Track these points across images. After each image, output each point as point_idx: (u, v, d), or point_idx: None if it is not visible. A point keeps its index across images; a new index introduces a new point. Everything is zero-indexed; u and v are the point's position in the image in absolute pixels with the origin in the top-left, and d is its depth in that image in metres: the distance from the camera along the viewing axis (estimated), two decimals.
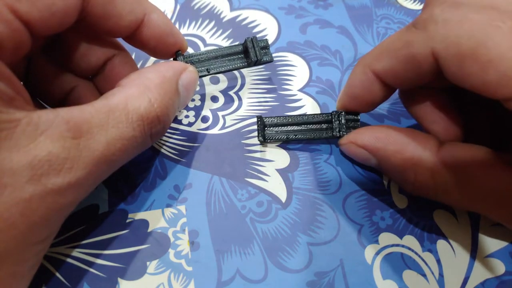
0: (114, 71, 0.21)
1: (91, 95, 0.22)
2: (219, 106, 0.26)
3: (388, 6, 0.31)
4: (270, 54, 0.24)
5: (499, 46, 0.14)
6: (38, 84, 0.21)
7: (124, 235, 0.21)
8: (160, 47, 0.21)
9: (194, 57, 0.23)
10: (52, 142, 0.14)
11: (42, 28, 0.16)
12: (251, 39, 0.23)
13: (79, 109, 0.15)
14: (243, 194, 0.22)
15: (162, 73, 0.19)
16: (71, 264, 0.20)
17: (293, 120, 0.23)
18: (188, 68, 0.21)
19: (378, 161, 0.20)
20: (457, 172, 0.18)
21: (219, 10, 0.30)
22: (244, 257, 0.20)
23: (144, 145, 0.18)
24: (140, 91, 0.17)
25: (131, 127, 0.16)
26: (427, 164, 0.18)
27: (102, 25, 0.19)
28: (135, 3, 0.20)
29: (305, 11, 0.30)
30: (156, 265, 0.20)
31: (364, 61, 0.20)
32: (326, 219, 0.22)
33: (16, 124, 0.13)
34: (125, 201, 0.22)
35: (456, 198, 0.18)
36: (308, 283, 0.20)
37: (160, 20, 0.21)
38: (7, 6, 0.14)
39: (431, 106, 0.21)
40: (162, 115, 0.18)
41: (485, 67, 0.15)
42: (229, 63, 0.24)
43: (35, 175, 0.13)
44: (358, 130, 0.21)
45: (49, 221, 0.14)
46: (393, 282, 0.20)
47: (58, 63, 0.21)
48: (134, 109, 0.17)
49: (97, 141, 0.15)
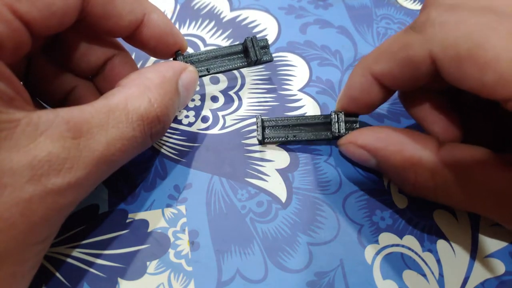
0: (114, 71, 0.21)
1: (91, 95, 0.22)
2: (219, 106, 0.26)
3: (388, 6, 0.31)
4: (270, 54, 0.24)
5: (496, 47, 0.14)
6: (38, 84, 0.21)
7: (124, 235, 0.21)
8: (160, 47, 0.21)
9: (194, 57, 0.23)
10: (52, 142, 0.14)
11: (42, 28, 0.16)
12: (250, 39, 0.23)
13: (79, 109, 0.15)
14: (243, 194, 0.22)
15: (162, 73, 0.19)
16: (71, 264, 0.20)
17: (292, 121, 0.23)
18: (188, 68, 0.21)
19: (378, 161, 0.20)
20: (457, 172, 0.18)
21: (219, 10, 0.30)
22: (244, 257, 0.20)
23: (144, 145, 0.18)
24: (140, 91, 0.17)
25: (131, 127, 0.16)
26: (427, 165, 0.18)
27: (102, 25, 0.19)
28: (135, 3, 0.20)
29: (305, 11, 0.30)
30: (156, 265, 0.20)
31: (363, 64, 0.20)
32: (326, 219, 0.22)
33: (16, 124, 0.13)
34: (125, 201, 0.22)
35: (456, 198, 0.18)
36: (308, 283, 0.20)
37: (160, 20, 0.21)
38: (7, 6, 0.14)
39: (431, 107, 0.21)
40: (162, 115, 0.18)
41: (482, 68, 0.15)
42: (229, 62, 0.24)
43: (35, 175, 0.13)
44: (357, 131, 0.21)
45: (49, 221, 0.14)
46: (393, 282, 0.20)
47: (58, 63, 0.21)
48: (134, 109, 0.17)
49: (97, 141, 0.15)
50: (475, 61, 0.15)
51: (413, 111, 0.21)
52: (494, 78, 0.15)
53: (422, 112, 0.21)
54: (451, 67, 0.16)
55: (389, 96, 0.21)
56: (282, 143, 0.24)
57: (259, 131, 0.23)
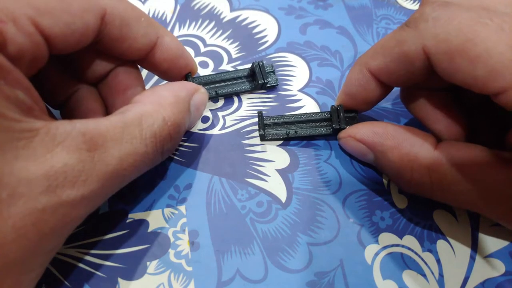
0: (117, 78, 0.22)
1: (93, 99, 0.22)
2: (219, 106, 0.26)
3: (388, 7, 0.31)
4: (275, 78, 0.26)
5: (487, 42, 0.15)
6: (41, 86, 0.21)
7: (124, 235, 0.21)
8: (171, 69, 0.22)
9: (203, 79, 0.24)
10: (69, 154, 0.14)
11: (61, 44, 0.16)
12: (257, 64, 0.25)
13: (95, 122, 0.15)
14: (243, 194, 0.22)
15: (176, 92, 0.19)
16: (71, 264, 0.20)
17: (293, 118, 0.23)
18: (200, 90, 0.21)
19: (375, 156, 0.20)
20: (453, 170, 0.18)
21: (219, 11, 0.30)
22: (244, 257, 0.20)
23: (154, 161, 0.18)
24: (155, 109, 0.17)
25: (144, 143, 0.16)
26: (424, 161, 0.18)
27: (117, 47, 0.19)
28: (149, 26, 0.20)
29: (305, 12, 0.30)
30: (156, 265, 0.20)
31: (361, 60, 0.21)
32: (326, 219, 0.22)
33: (35, 133, 0.13)
34: (125, 201, 0.22)
35: (452, 196, 0.18)
36: (308, 283, 0.20)
37: (173, 43, 0.21)
38: (30, 19, 0.15)
39: (432, 106, 0.21)
40: (174, 133, 0.18)
41: (473, 62, 0.15)
42: (236, 86, 0.25)
43: (51, 186, 0.13)
44: (356, 125, 0.22)
45: (59, 232, 0.14)
46: (393, 282, 0.20)
47: (63, 69, 0.21)
48: (148, 126, 0.17)
49: (111, 155, 0.15)
50: (466, 55, 0.15)
51: (415, 110, 0.22)
52: (484, 71, 0.15)
53: (424, 110, 0.21)
54: (444, 61, 0.16)
55: (387, 92, 0.21)
56: (284, 139, 0.24)
57: (261, 127, 0.23)
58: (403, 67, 0.18)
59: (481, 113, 0.21)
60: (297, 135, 0.23)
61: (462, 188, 0.18)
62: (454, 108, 0.21)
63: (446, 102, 0.21)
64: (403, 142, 0.19)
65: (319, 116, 0.23)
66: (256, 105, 0.26)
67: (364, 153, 0.21)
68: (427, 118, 0.21)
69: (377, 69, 0.20)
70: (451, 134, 0.20)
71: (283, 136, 0.23)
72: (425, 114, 0.21)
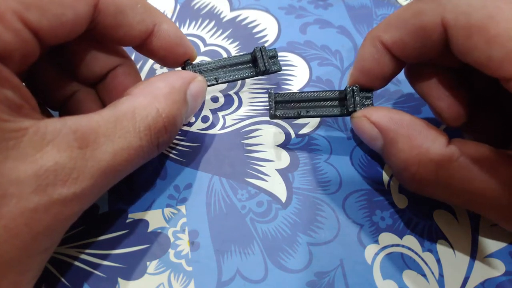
0: (116, 79, 0.21)
1: (92, 100, 0.21)
2: (219, 106, 0.26)
3: (388, 6, 0.31)
4: (278, 64, 0.24)
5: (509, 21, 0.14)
6: (39, 87, 0.20)
7: (124, 235, 0.21)
8: (169, 56, 0.21)
9: (202, 66, 0.23)
10: (59, 152, 0.14)
11: (51, 37, 0.16)
12: (259, 49, 0.23)
13: (86, 118, 0.15)
14: (243, 194, 0.22)
15: (171, 82, 0.19)
16: (71, 264, 0.20)
17: (305, 96, 0.22)
18: (197, 78, 0.20)
19: (385, 143, 0.19)
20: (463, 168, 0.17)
21: (219, 10, 0.30)
22: (244, 257, 0.20)
23: (150, 154, 0.18)
24: (148, 101, 0.17)
25: (138, 136, 0.16)
26: (434, 157, 0.18)
27: (112, 34, 0.19)
28: (145, 13, 0.19)
29: (305, 11, 0.30)
30: (156, 265, 0.20)
31: (372, 34, 0.20)
32: (326, 219, 0.22)
33: (24, 133, 0.13)
34: (125, 201, 0.22)
35: (457, 195, 0.18)
36: (308, 283, 0.20)
37: (170, 30, 0.21)
38: (17, 15, 0.14)
39: (437, 82, 0.20)
40: (169, 125, 0.18)
41: (491, 41, 0.14)
42: (237, 72, 0.24)
43: (41, 185, 0.13)
44: (373, 107, 0.21)
45: (53, 231, 0.14)
46: (393, 282, 0.20)
47: (61, 69, 0.21)
48: (142, 118, 0.16)
49: (103, 151, 0.15)
50: (485, 32, 0.15)
51: (419, 86, 0.21)
52: (500, 53, 0.14)
53: (428, 87, 0.20)
54: (461, 37, 0.16)
55: (400, 69, 0.20)
56: (294, 117, 0.23)
57: (271, 105, 0.22)
58: (419, 40, 0.18)
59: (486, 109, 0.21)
60: (308, 114, 0.22)
61: (470, 186, 0.17)
62: (458, 87, 0.20)
63: (452, 83, 0.20)
64: (417, 133, 0.18)
65: (332, 95, 0.22)
66: (256, 105, 0.26)
67: (374, 138, 0.20)
68: (430, 94, 0.20)
69: (391, 42, 0.19)
70: (453, 113, 0.20)
71: (294, 115, 0.22)
72: (429, 90, 0.20)
